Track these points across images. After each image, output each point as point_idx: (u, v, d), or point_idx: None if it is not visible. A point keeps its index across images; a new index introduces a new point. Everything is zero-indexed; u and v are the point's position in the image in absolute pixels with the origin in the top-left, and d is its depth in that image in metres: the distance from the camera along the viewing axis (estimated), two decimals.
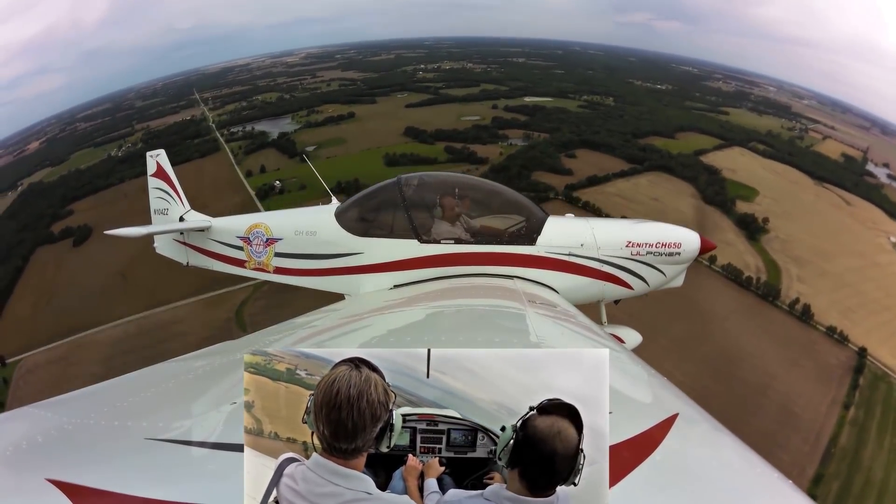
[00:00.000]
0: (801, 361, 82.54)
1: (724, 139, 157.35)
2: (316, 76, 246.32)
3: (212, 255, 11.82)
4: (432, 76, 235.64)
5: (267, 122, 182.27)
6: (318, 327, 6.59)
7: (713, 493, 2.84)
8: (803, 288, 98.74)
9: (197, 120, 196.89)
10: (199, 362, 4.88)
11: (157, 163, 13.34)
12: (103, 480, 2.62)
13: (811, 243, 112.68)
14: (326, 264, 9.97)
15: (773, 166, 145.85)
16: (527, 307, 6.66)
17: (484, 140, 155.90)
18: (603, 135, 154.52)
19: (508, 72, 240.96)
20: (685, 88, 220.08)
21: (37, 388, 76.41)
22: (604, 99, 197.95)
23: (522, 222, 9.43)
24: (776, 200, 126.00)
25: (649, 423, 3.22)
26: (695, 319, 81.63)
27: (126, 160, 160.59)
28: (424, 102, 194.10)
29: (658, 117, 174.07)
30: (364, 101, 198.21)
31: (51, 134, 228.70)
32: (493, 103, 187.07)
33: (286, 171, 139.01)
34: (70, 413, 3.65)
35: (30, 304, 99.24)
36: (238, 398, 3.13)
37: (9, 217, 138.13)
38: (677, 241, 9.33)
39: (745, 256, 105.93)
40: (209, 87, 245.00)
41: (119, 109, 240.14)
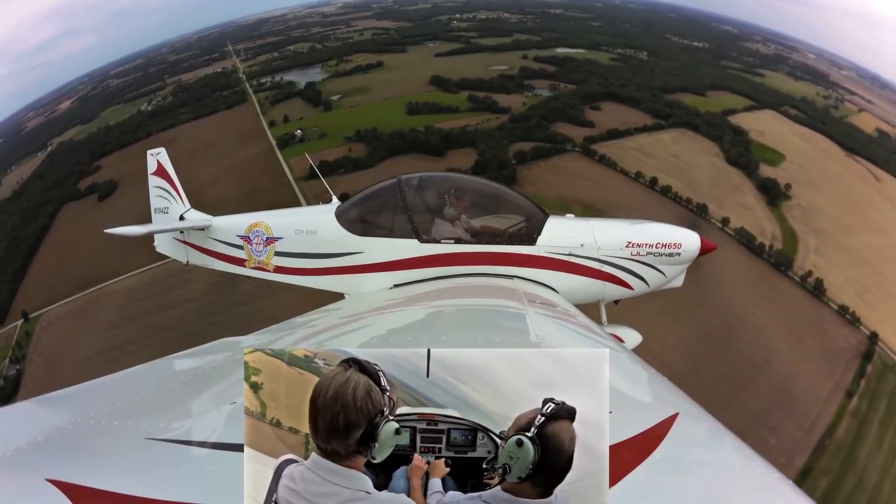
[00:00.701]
0: (806, 339, 77.89)
1: (756, 101, 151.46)
2: (350, 25, 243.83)
3: (212, 254, 11.66)
4: (466, 25, 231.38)
5: (296, 72, 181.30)
6: (318, 327, 6.45)
7: (713, 493, 2.81)
8: (819, 261, 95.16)
9: (227, 72, 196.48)
10: (199, 361, 4.84)
11: (157, 161, 13.04)
12: (103, 480, 2.60)
13: (833, 215, 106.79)
14: (326, 264, 9.87)
15: (803, 132, 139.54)
16: (527, 307, 6.51)
17: (509, 90, 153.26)
18: (630, 88, 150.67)
19: (544, 23, 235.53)
20: (722, 47, 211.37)
21: (57, 339, 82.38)
22: (637, 53, 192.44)
23: (522, 222, 9.30)
24: (802, 167, 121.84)
25: (649, 423, 3.16)
26: (695, 281, 75.69)
27: (155, 114, 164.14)
28: (455, 52, 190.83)
29: (690, 74, 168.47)
30: (394, 51, 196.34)
31: (82, 92, 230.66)
32: (524, 53, 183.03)
33: (308, 121, 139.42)
34: (70, 412, 3.57)
35: (54, 261, 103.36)
36: (238, 398, 2.97)
37: (37, 178, 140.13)
38: (677, 242, 9.20)
39: (762, 222, 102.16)
40: (243, 39, 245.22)
41: (151, 64, 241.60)
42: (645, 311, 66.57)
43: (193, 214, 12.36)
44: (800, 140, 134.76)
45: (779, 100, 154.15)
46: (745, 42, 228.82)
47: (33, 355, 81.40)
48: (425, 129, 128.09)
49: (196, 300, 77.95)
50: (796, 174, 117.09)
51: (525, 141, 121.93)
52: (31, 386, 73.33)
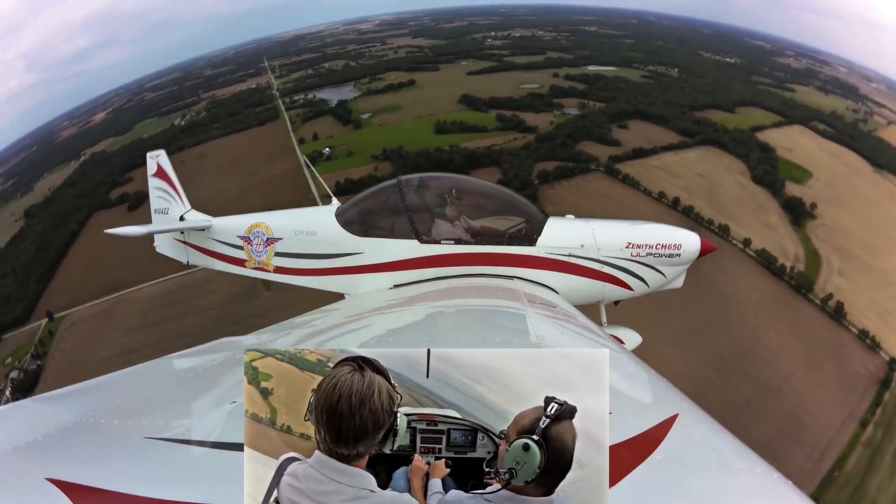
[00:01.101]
0: (822, 365, 74.73)
1: (786, 116, 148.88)
2: (385, 43, 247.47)
3: (212, 255, 11.60)
4: (500, 43, 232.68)
5: (329, 90, 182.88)
6: (319, 327, 6.41)
7: (713, 493, 2.83)
8: (842, 282, 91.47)
9: (262, 88, 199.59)
10: (199, 361, 4.77)
11: (157, 163, 13.06)
12: (103, 480, 2.61)
13: (859, 235, 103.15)
14: (327, 264, 9.83)
15: (831, 148, 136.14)
16: (527, 307, 6.52)
17: (538, 108, 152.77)
18: (659, 106, 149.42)
19: (578, 40, 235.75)
20: (754, 63, 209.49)
21: (79, 339, 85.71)
22: (668, 70, 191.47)
23: (522, 223, 9.25)
24: (829, 185, 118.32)
25: (649, 424, 3.17)
26: (712, 305, 75.16)
27: (188, 129, 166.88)
28: (487, 70, 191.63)
29: (720, 91, 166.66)
30: (427, 69, 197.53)
31: (117, 104, 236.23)
32: (555, 71, 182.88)
33: (337, 139, 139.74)
34: (70, 411, 3.53)
35: (81, 265, 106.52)
36: (238, 398, 3.08)
37: (69, 185, 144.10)
38: (677, 243, 9.10)
39: (784, 242, 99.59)
40: (279, 56, 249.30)
41: (188, 78, 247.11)
42: (658, 333, 65.82)
43: (193, 215, 12.33)
44: (827, 156, 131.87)
45: (808, 115, 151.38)
46: (777, 57, 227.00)
47: (55, 353, 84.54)
48: (450, 149, 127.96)
49: (215, 309, 79.79)
50: (822, 192, 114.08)
51: (550, 160, 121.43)
52: (50, 381, 75.88)
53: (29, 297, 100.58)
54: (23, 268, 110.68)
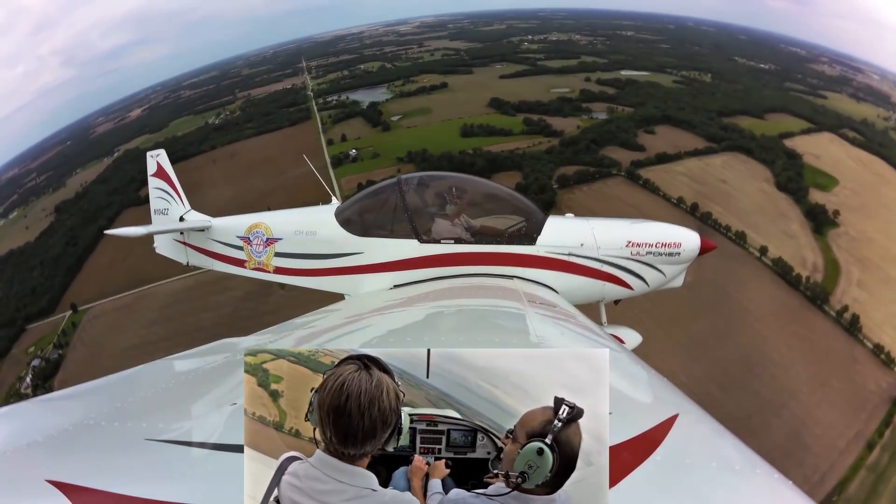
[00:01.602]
0: (832, 381, 70.98)
1: (815, 123, 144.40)
2: (423, 45, 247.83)
3: (212, 255, 11.51)
4: (536, 47, 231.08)
5: (363, 92, 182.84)
6: (319, 327, 6.29)
7: (713, 493, 2.80)
8: (861, 294, 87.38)
9: (297, 88, 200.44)
10: (199, 362, 4.73)
11: (157, 163, 12.90)
12: (103, 481, 2.59)
13: (883, 245, 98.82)
14: (326, 264, 9.74)
15: (860, 156, 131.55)
16: (527, 307, 6.43)
17: (566, 113, 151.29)
18: (688, 111, 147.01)
19: (613, 45, 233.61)
20: (788, 69, 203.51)
21: (100, 331, 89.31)
22: (702, 75, 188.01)
23: (522, 222, 9.13)
24: (855, 193, 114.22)
25: (649, 424, 3.14)
26: (722, 315, 73.52)
27: (222, 127, 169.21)
28: (519, 73, 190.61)
29: (751, 97, 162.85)
30: (461, 72, 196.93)
31: (154, 102, 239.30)
32: (587, 76, 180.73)
33: (364, 141, 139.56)
34: (70, 412, 3.56)
35: (108, 260, 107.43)
36: (238, 399, 3.07)
37: (101, 182, 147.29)
38: (677, 241, 9.00)
39: (804, 251, 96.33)
40: (318, 56, 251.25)
41: (225, 77, 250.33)
42: (663, 343, 64.26)
43: (193, 216, 12.23)
44: (855, 164, 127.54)
45: (838, 122, 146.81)
46: (811, 64, 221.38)
47: (76, 343, 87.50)
48: (473, 152, 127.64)
49: (230, 306, 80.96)
50: (848, 200, 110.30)
51: (572, 165, 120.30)
52: (70, 369, 79.10)
53: (55, 290, 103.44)
54: (51, 261, 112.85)
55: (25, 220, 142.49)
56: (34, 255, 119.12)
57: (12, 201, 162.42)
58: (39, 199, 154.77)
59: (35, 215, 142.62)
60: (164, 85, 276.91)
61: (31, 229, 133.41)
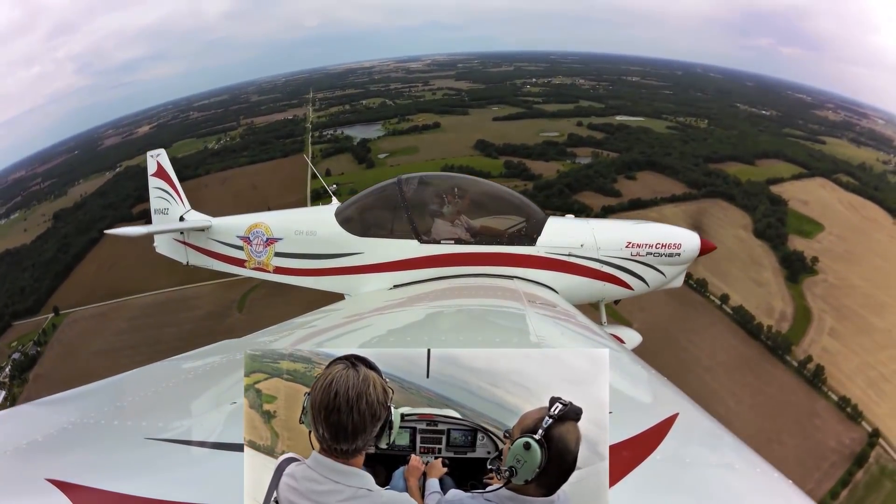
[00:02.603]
0: (784, 437, 63.95)
1: (808, 168, 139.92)
2: (428, 84, 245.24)
3: (212, 255, 11.28)
4: (538, 90, 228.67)
5: (360, 127, 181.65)
6: (319, 327, 6.28)
7: (713, 493, 2.78)
8: (832, 344, 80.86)
9: (297, 120, 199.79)
10: (199, 362, 4.69)
11: (157, 162, 12.64)
12: (103, 480, 2.58)
13: (866, 291, 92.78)
14: (326, 264, 9.55)
15: (851, 200, 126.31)
16: (527, 307, 6.37)
17: (549, 157, 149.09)
18: (674, 157, 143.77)
19: (615, 90, 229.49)
20: (789, 115, 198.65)
21: (76, 334, 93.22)
22: (698, 121, 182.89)
23: (522, 223, 9.03)
24: (841, 238, 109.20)
25: (649, 423, 3.14)
26: (667, 365, 65.65)
27: (219, 153, 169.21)
28: (513, 116, 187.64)
29: (745, 142, 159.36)
30: (457, 112, 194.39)
31: (163, 120, 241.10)
32: (579, 120, 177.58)
33: (348, 176, 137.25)
34: (70, 413, 3.52)
35: (94, 270, 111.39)
36: (238, 398, 2.98)
37: (99, 195, 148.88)
38: (677, 242, 8.88)
39: (772, 299, 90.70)
40: (326, 88, 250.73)
41: (234, 102, 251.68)
42: None
43: (193, 215, 12.02)
44: (845, 209, 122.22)
45: (833, 167, 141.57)
46: (816, 110, 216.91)
47: (54, 343, 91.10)
48: None
49: (192, 323, 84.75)
50: (833, 246, 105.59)
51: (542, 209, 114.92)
52: (45, 366, 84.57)
53: (41, 292, 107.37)
54: (42, 265, 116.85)
55: (25, 223, 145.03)
56: (28, 257, 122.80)
57: (15, 202, 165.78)
58: (41, 205, 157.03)
59: (34, 219, 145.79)
60: (176, 104, 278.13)
61: (28, 232, 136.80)
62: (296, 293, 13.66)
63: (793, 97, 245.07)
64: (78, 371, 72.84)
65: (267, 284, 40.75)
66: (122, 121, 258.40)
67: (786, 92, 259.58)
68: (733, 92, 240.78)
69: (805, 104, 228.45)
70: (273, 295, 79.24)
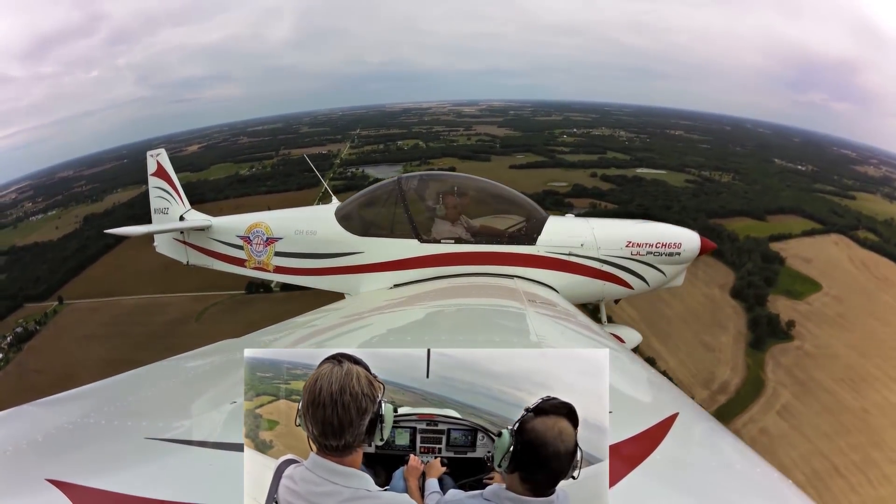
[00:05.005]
0: None
1: (825, 224, 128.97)
2: (470, 129, 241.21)
3: (212, 255, 10.75)
4: (572, 140, 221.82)
5: (382, 167, 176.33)
6: (319, 327, 6.00)
7: (713, 492, 2.69)
8: (778, 425, 67.74)
9: (330, 155, 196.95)
10: (199, 362, 4.55)
11: (157, 162, 12.15)
12: (103, 480, 2.49)
13: (849, 362, 78.66)
14: (326, 264, 9.06)
15: (867, 258, 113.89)
16: (527, 307, 6.08)
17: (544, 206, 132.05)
18: (673, 210, 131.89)
19: (652, 143, 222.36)
20: (826, 171, 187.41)
21: (70, 321, 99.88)
22: (723, 175, 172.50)
23: (522, 222, 8.60)
24: (838, 300, 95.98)
25: (649, 423, 3.03)
26: None
27: (245, 180, 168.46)
28: (533, 164, 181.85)
29: (764, 198, 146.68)
30: (480, 159, 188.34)
31: (213, 141, 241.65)
32: (594, 171, 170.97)
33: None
34: (70, 412, 3.41)
35: (104, 271, 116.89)
36: (238, 398, 2.96)
37: (129, 206, 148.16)
38: (677, 242, 8.36)
39: (718, 368, 77.89)
40: (376, 125, 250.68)
41: (284, 132, 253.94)
42: None
43: (193, 215, 11.51)
44: (855, 267, 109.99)
45: (854, 222, 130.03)
46: (858, 166, 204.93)
47: (51, 325, 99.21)
48: None
49: (157, 326, 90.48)
50: (824, 308, 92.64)
51: None
52: (38, 340, 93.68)
53: (53, 283, 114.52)
54: (60, 260, 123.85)
55: (58, 221, 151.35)
56: (51, 252, 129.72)
57: (56, 200, 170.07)
58: (77, 206, 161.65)
59: (67, 219, 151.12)
60: (232, 126, 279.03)
61: (59, 230, 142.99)
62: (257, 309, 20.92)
63: (837, 153, 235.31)
64: (60, 351, 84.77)
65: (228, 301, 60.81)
66: (176, 136, 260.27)
67: (831, 147, 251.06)
68: (775, 147, 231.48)
69: (848, 160, 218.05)
70: (229, 311, 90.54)
